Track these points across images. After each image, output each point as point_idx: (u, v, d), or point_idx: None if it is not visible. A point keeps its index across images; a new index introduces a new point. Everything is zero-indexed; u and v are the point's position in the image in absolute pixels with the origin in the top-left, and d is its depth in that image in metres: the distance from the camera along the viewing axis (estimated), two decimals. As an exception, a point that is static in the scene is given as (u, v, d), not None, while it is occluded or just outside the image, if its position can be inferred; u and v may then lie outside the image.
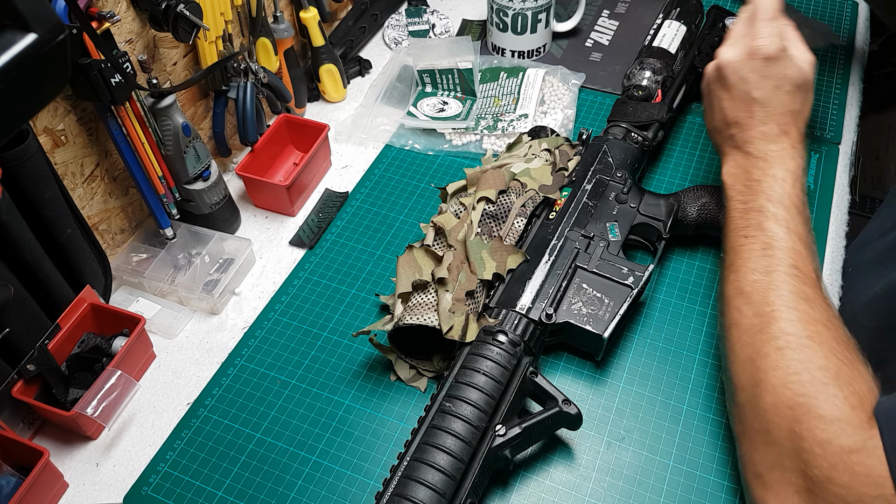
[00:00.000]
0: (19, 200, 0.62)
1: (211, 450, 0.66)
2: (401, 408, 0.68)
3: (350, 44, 1.04)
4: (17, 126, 0.53)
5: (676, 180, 0.86)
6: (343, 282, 0.79)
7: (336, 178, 0.91)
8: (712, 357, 0.70)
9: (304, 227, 0.84)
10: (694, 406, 0.67)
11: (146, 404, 0.70)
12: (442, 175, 0.89)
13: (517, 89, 0.95)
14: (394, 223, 0.84)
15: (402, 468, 0.56)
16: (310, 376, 0.71)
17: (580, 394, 0.68)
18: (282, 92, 0.86)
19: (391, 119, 0.95)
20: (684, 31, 0.90)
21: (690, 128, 0.92)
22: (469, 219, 0.71)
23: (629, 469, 0.63)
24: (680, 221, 0.75)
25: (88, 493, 0.65)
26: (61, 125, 0.68)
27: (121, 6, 0.69)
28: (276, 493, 0.63)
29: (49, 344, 0.66)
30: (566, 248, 0.70)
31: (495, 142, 0.92)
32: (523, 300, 0.66)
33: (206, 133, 0.87)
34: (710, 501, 0.61)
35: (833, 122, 0.91)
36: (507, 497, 0.62)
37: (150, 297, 0.78)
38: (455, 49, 0.96)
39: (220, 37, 0.77)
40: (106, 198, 0.76)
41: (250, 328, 0.75)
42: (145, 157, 0.72)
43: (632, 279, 0.68)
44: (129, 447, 0.67)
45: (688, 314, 0.73)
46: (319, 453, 0.65)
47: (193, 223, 0.81)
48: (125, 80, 0.65)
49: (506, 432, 0.58)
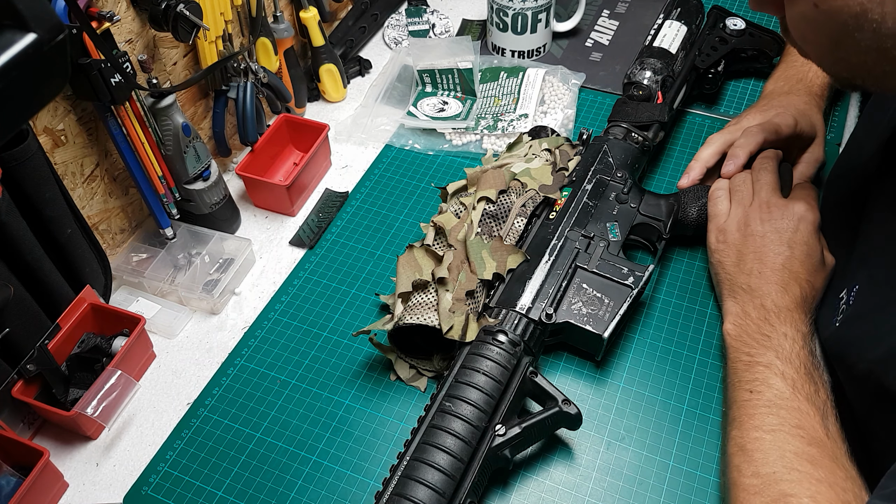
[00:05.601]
0: (19, 200, 0.62)
1: (211, 450, 0.66)
2: (401, 408, 0.68)
3: (350, 44, 1.04)
4: (17, 126, 0.53)
5: (676, 180, 0.86)
6: (343, 282, 0.79)
7: (336, 178, 0.91)
8: (712, 357, 0.70)
9: (304, 227, 0.84)
10: (694, 406, 0.67)
11: (146, 404, 0.70)
12: (442, 175, 0.89)
13: (517, 89, 0.95)
14: (394, 223, 0.84)
15: (402, 468, 0.56)
16: (310, 376, 0.71)
17: (580, 394, 0.68)
18: (282, 92, 0.86)
19: (391, 119, 0.95)
20: (685, 31, 0.90)
21: (690, 128, 0.92)
22: (469, 218, 0.71)
23: (629, 469, 0.63)
24: (680, 221, 0.75)
25: (88, 493, 0.65)
26: (61, 125, 0.68)
27: (121, 6, 0.69)
28: (276, 493, 0.63)
29: (49, 344, 0.66)
30: (566, 247, 0.70)
31: (495, 142, 0.92)
32: (523, 300, 0.66)
33: (206, 133, 0.87)
34: (710, 501, 0.61)
35: (833, 122, 0.91)
36: (507, 497, 0.62)
37: (150, 297, 0.78)
38: (455, 49, 0.96)
39: (220, 37, 0.77)
40: (106, 198, 0.76)
41: (250, 328, 0.75)
42: (145, 157, 0.72)
43: (632, 279, 0.68)
44: (129, 447, 0.67)
45: (688, 314, 0.73)
46: (319, 453, 0.65)
47: (193, 223, 0.81)
48: (125, 79, 0.65)
49: (506, 432, 0.58)
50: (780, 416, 0.56)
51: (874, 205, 0.63)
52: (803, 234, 0.66)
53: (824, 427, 0.55)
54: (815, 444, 0.54)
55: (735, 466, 0.56)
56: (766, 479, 0.53)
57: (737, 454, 0.56)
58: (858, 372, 0.56)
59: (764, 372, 0.59)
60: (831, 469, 0.52)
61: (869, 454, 0.57)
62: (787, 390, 0.57)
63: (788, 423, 0.55)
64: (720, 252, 0.70)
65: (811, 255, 0.66)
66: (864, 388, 0.56)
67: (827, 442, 0.54)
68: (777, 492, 0.51)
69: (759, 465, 0.54)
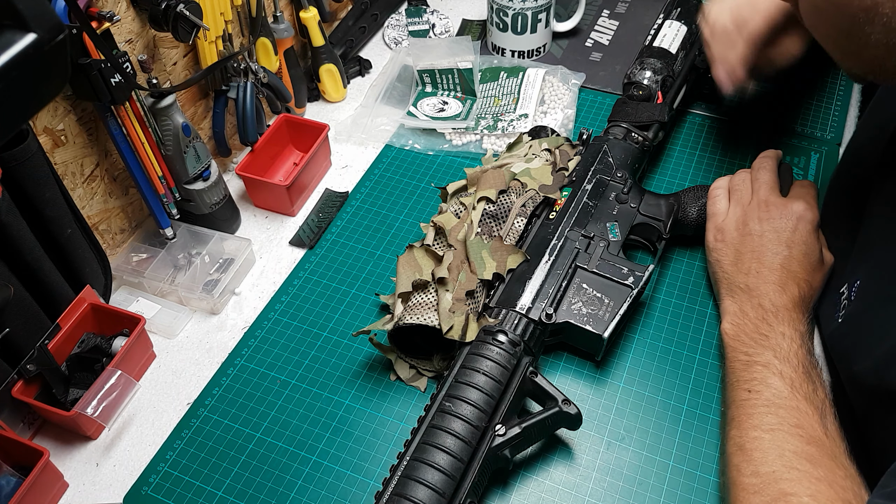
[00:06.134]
0: (19, 200, 0.62)
1: (211, 450, 0.66)
2: (401, 408, 0.68)
3: (350, 44, 1.04)
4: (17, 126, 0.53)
5: (676, 180, 0.86)
6: (343, 282, 0.79)
7: (336, 178, 0.91)
8: (712, 357, 0.70)
9: (304, 227, 0.84)
10: (694, 406, 0.67)
11: (146, 404, 0.70)
12: (442, 175, 0.89)
13: (517, 89, 0.95)
14: (394, 223, 0.84)
15: (402, 468, 0.56)
16: (310, 376, 0.71)
17: (580, 394, 0.68)
18: (282, 92, 0.86)
19: (391, 119, 0.95)
20: (685, 31, 0.90)
21: (690, 128, 0.92)
22: (469, 218, 0.71)
23: (629, 469, 0.63)
24: (680, 221, 0.75)
25: (88, 493, 0.65)
26: (61, 125, 0.68)
27: (121, 6, 0.69)
28: (276, 493, 0.63)
29: (49, 344, 0.66)
30: (566, 247, 0.70)
31: (495, 142, 0.92)
32: (523, 300, 0.66)
33: (206, 133, 0.87)
34: (710, 501, 0.61)
35: (833, 122, 0.91)
36: (507, 497, 0.62)
37: (150, 297, 0.78)
38: (455, 49, 0.96)
39: (220, 37, 0.77)
40: (106, 198, 0.76)
41: (250, 328, 0.75)
42: (145, 157, 0.72)
43: (632, 279, 0.68)
44: (129, 447, 0.67)
45: (688, 314, 0.73)
46: (319, 453, 0.65)
47: (193, 223, 0.81)
48: (125, 80, 0.65)
49: (505, 432, 0.58)
50: (779, 415, 0.56)
51: (876, 200, 0.63)
52: (801, 234, 0.66)
53: (823, 426, 0.55)
54: (814, 443, 0.54)
55: (734, 466, 0.56)
56: (766, 478, 0.53)
57: (736, 453, 0.56)
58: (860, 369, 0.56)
59: (762, 371, 0.59)
60: (831, 468, 0.52)
61: (869, 453, 0.57)
62: (786, 389, 0.57)
63: (787, 423, 0.55)
64: (718, 251, 0.70)
65: (809, 254, 0.66)
66: (865, 386, 0.56)
67: (826, 441, 0.54)
68: (777, 490, 0.51)
69: (759, 465, 0.54)
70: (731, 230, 0.70)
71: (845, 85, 0.96)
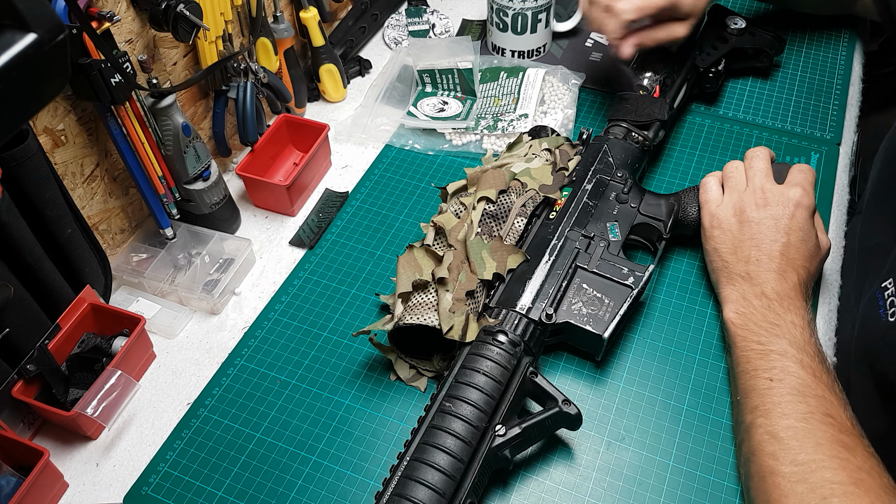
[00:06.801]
0: (19, 200, 0.62)
1: (211, 450, 0.66)
2: (401, 408, 0.68)
3: (350, 44, 1.04)
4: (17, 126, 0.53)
5: (676, 180, 0.86)
6: (343, 282, 0.79)
7: (336, 178, 0.91)
8: (712, 357, 0.70)
9: (304, 227, 0.84)
10: (694, 406, 0.67)
11: (146, 404, 0.70)
12: (442, 175, 0.89)
13: (517, 89, 0.95)
14: (394, 223, 0.84)
15: (402, 468, 0.56)
16: (310, 376, 0.71)
17: (580, 394, 0.68)
18: (282, 92, 0.86)
19: (391, 119, 0.95)
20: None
21: (690, 128, 0.92)
22: (469, 218, 0.71)
23: (629, 469, 0.63)
24: (680, 221, 0.75)
25: (88, 493, 0.65)
26: (61, 125, 0.68)
27: (121, 6, 0.69)
28: (276, 493, 0.63)
29: (49, 344, 0.66)
30: (566, 248, 0.70)
31: (495, 141, 0.92)
32: (523, 300, 0.66)
33: (206, 133, 0.87)
34: (710, 501, 0.61)
35: (833, 122, 0.91)
36: (507, 497, 0.62)
37: (150, 297, 0.78)
38: (455, 49, 0.96)
39: (220, 37, 0.77)
40: (106, 198, 0.76)
41: (250, 328, 0.75)
42: (145, 157, 0.72)
43: (632, 279, 0.68)
44: (129, 447, 0.67)
45: (688, 314, 0.73)
46: (319, 453, 0.65)
47: (193, 223, 0.81)
48: (125, 80, 0.65)
49: (506, 432, 0.58)
50: (809, 404, 0.56)
51: None
52: (799, 220, 0.66)
53: (848, 415, 0.56)
54: (846, 433, 0.54)
55: (769, 453, 0.55)
56: (807, 465, 0.53)
57: (769, 441, 0.56)
58: None
59: (780, 360, 0.59)
60: (865, 457, 0.53)
61: None
62: (809, 378, 0.57)
63: (818, 412, 0.55)
64: (716, 238, 0.70)
65: (806, 240, 0.66)
66: None
67: (854, 431, 0.55)
68: (820, 479, 0.51)
69: (797, 453, 0.54)
70: (728, 217, 0.69)
71: (843, 85, 0.96)
